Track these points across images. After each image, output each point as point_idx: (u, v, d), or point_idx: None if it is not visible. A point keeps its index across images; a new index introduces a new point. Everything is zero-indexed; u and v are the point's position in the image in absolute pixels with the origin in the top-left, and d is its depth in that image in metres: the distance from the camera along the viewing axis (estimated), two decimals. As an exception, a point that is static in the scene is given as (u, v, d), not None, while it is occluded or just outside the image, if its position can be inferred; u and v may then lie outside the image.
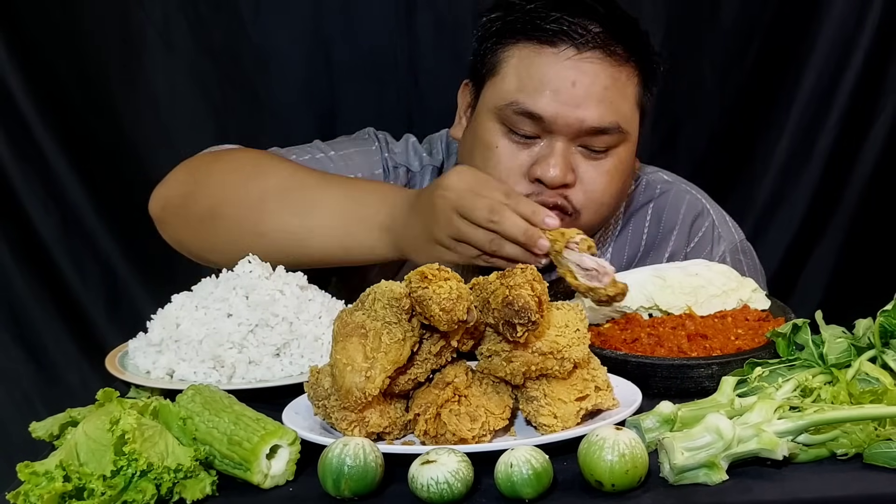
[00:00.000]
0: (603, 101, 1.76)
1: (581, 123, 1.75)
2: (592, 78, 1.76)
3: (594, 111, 1.76)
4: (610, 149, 1.80)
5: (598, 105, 1.76)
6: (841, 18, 2.55)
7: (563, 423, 1.27)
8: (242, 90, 2.54)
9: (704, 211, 2.01)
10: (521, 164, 1.78)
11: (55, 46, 2.46)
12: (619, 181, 1.85)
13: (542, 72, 1.76)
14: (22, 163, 2.50)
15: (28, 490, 1.12)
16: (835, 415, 1.19)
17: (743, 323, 1.56)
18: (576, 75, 1.75)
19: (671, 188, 2.03)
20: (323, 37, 2.51)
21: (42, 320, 2.58)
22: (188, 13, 2.48)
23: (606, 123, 1.77)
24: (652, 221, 2.00)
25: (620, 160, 1.83)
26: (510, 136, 1.79)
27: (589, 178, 1.80)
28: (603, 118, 1.76)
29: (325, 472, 1.15)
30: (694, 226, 1.99)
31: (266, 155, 1.86)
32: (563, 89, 1.75)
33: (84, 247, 2.57)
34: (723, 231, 2.00)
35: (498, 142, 1.80)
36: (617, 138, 1.80)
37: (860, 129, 2.62)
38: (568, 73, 1.75)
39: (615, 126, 1.78)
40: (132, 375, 1.53)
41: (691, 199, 2.02)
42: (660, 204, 2.01)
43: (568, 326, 1.31)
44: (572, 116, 1.75)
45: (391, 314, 1.26)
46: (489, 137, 1.80)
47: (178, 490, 1.15)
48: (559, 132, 1.76)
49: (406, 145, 2.03)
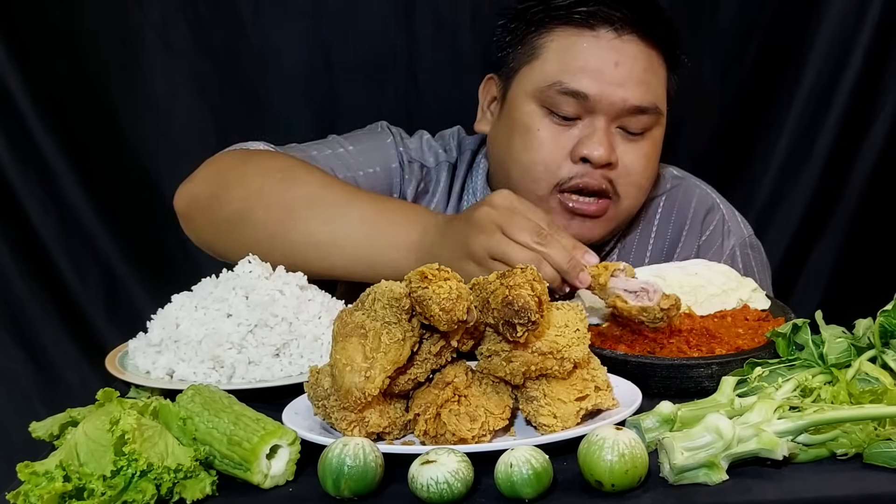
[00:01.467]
0: (643, 82, 1.82)
1: (624, 103, 1.80)
2: (633, 59, 1.82)
3: (636, 90, 1.81)
4: (646, 130, 1.85)
5: (638, 85, 1.81)
6: (840, 17, 2.55)
7: (563, 423, 1.28)
8: (242, 90, 2.54)
9: (715, 205, 2.04)
10: (565, 146, 1.82)
11: (55, 47, 2.46)
12: (655, 164, 1.90)
13: (584, 53, 1.81)
14: (21, 163, 2.49)
15: (28, 490, 1.12)
16: (835, 415, 1.19)
17: (743, 323, 1.56)
18: (617, 56, 1.81)
19: (682, 182, 2.06)
20: (322, 37, 2.51)
21: (42, 320, 2.58)
22: (187, 13, 2.47)
23: (647, 103, 1.82)
24: (663, 215, 2.02)
25: (655, 143, 1.88)
26: (551, 118, 1.83)
27: (629, 159, 1.84)
28: (644, 98, 1.82)
29: (325, 472, 1.15)
30: (705, 220, 2.02)
31: (297, 162, 1.85)
32: (606, 69, 1.80)
33: (83, 247, 2.57)
34: (732, 226, 2.02)
35: (539, 124, 1.83)
36: (654, 119, 1.85)
37: (860, 128, 2.62)
38: (610, 54, 1.81)
39: (654, 106, 1.83)
40: (132, 375, 1.53)
41: (702, 194, 2.05)
42: (671, 197, 2.04)
43: (568, 326, 1.31)
44: (616, 95, 1.80)
45: (391, 314, 1.26)
46: (529, 120, 1.84)
47: (178, 490, 1.15)
48: (601, 112, 1.80)
49: (420, 141, 2.05)
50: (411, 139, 2.05)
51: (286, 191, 1.75)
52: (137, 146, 2.52)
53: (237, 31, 2.49)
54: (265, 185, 1.77)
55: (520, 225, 1.55)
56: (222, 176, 1.83)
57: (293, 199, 1.74)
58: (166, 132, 2.53)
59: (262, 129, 2.54)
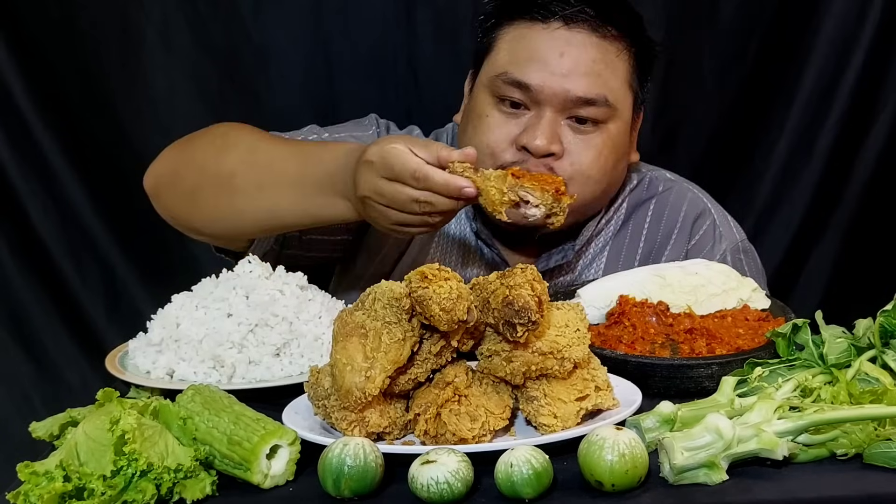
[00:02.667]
0: (590, 73, 1.81)
1: (567, 94, 1.79)
2: (580, 50, 1.81)
3: (581, 82, 1.80)
4: (599, 123, 1.83)
5: (585, 76, 1.80)
6: (841, 16, 2.55)
7: (563, 423, 1.28)
8: (241, 89, 2.54)
9: (706, 210, 2.03)
10: (510, 133, 1.82)
11: (55, 45, 2.46)
12: (610, 158, 1.86)
13: (532, 44, 1.82)
14: (21, 162, 2.49)
15: (28, 490, 1.12)
16: (835, 415, 1.19)
17: (743, 323, 1.56)
18: (564, 47, 1.81)
19: (673, 186, 2.05)
20: (322, 34, 2.51)
21: (42, 320, 2.58)
22: (187, 12, 2.47)
23: (593, 95, 1.80)
24: (653, 218, 2.01)
25: (610, 137, 1.85)
26: (500, 107, 1.84)
27: (576, 150, 1.83)
28: (590, 89, 1.80)
29: (325, 472, 1.15)
30: (695, 225, 2.01)
31: (234, 127, 1.87)
32: (551, 60, 1.80)
33: (83, 246, 2.57)
34: (724, 230, 2.01)
35: (489, 112, 1.85)
36: (605, 112, 1.83)
37: (861, 128, 2.62)
38: (556, 44, 1.81)
39: (602, 98, 1.81)
40: (132, 375, 1.53)
41: (693, 198, 2.04)
42: (662, 201, 2.03)
43: (568, 326, 1.31)
44: (559, 86, 1.79)
45: (391, 314, 1.26)
46: (482, 109, 1.86)
47: (178, 490, 1.15)
48: (546, 102, 1.80)
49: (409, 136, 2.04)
50: (400, 133, 2.05)
51: (224, 159, 1.77)
52: (137, 144, 2.52)
53: (237, 29, 2.49)
54: (207, 157, 1.80)
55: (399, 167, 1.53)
56: (180, 153, 1.87)
57: (231, 168, 1.75)
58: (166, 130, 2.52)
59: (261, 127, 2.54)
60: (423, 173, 1.51)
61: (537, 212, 1.54)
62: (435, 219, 1.56)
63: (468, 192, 1.51)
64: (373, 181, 1.55)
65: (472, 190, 1.51)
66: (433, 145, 1.55)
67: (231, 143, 1.81)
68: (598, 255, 1.99)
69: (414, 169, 1.51)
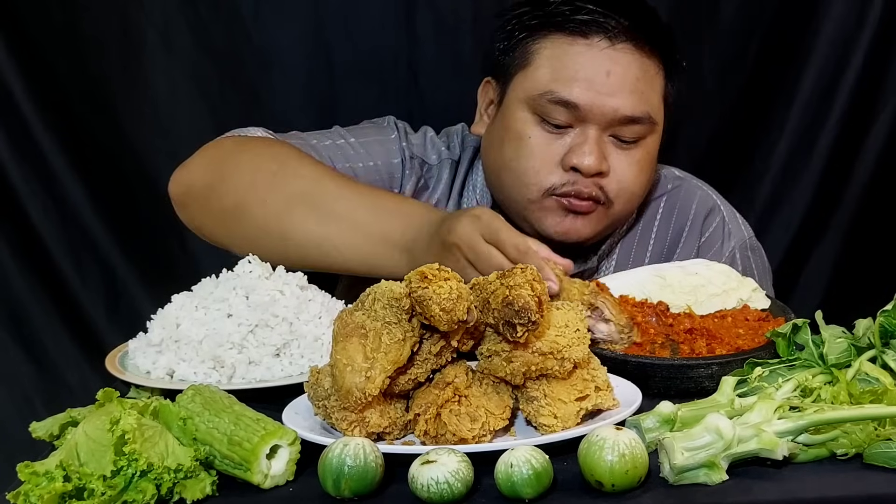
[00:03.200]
0: (635, 91, 1.81)
1: (615, 112, 1.79)
2: (625, 68, 1.80)
3: (628, 100, 1.80)
4: (640, 139, 1.84)
5: (630, 95, 1.80)
6: (841, 17, 2.55)
7: (563, 423, 1.28)
8: (242, 90, 2.54)
9: (716, 207, 2.04)
10: (555, 154, 1.81)
11: (55, 46, 2.46)
12: (649, 172, 1.89)
13: (576, 61, 1.80)
14: (21, 163, 2.49)
15: (28, 490, 1.12)
16: (835, 415, 1.19)
17: (743, 323, 1.56)
18: (610, 65, 1.79)
19: (682, 183, 2.06)
20: (323, 37, 2.51)
21: (42, 320, 2.57)
22: (188, 14, 2.47)
23: (639, 113, 1.81)
24: (664, 215, 2.02)
25: (648, 151, 1.87)
26: (543, 126, 1.82)
27: (621, 167, 1.83)
28: (636, 108, 1.81)
29: (325, 472, 1.15)
30: (706, 222, 2.02)
31: (293, 152, 1.83)
32: (597, 78, 1.79)
33: (84, 246, 2.57)
34: (733, 228, 2.02)
35: (531, 132, 1.82)
36: (647, 129, 1.84)
37: (861, 129, 2.62)
38: (602, 62, 1.79)
39: (646, 116, 1.82)
40: (132, 375, 1.53)
41: (703, 195, 2.05)
42: (672, 198, 2.04)
43: (568, 326, 1.31)
44: (607, 105, 1.79)
45: (391, 314, 1.26)
46: (521, 127, 1.83)
47: (178, 490, 1.15)
48: (592, 121, 1.80)
49: (424, 138, 2.04)
50: (415, 135, 2.04)
51: (281, 185, 1.74)
52: (138, 146, 2.52)
53: (238, 30, 2.49)
54: (259, 179, 1.76)
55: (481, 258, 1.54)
56: (218, 165, 1.82)
57: (289, 195, 1.73)
58: (167, 132, 2.53)
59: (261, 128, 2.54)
60: (527, 248, 1.51)
61: (605, 328, 1.51)
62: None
63: (552, 286, 1.48)
64: (471, 235, 1.55)
65: (555, 286, 1.49)
66: (530, 240, 1.55)
67: (291, 168, 1.77)
68: (610, 253, 2.00)
69: (519, 242, 1.52)
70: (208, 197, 1.80)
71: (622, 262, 1.99)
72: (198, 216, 1.84)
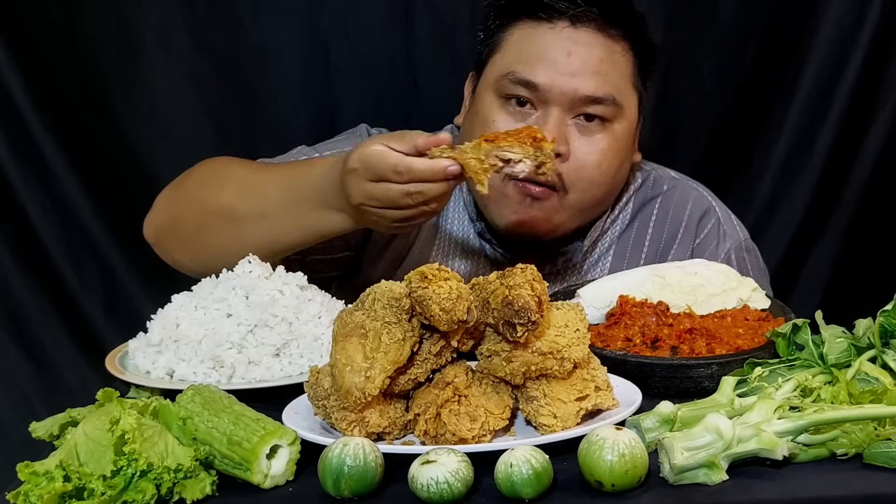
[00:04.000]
0: (598, 73, 1.81)
1: (575, 92, 1.80)
2: (588, 49, 1.82)
3: (589, 80, 1.81)
4: (605, 122, 1.83)
5: (592, 75, 1.81)
6: (840, 17, 2.55)
7: (563, 423, 1.28)
8: (241, 91, 2.54)
9: (711, 209, 2.03)
10: None
11: (54, 47, 2.46)
12: (614, 161, 1.87)
13: (539, 44, 1.83)
14: (21, 163, 2.49)
15: (28, 490, 1.12)
16: (835, 415, 1.19)
17: (743, 323, 1.56)
18: (571, 46, 1.81)
19: (678, 185, 2.06)
20: (321, 37, 2.51)
21: (41, 321, 2.57)
22: (186, 14, 2.47)
23: (601, 93, 1.81)
24: (658, 217, 2.02)
25: (615, 138, 1.85)
26: (507, 110, 1.84)
27: (582, 152, 1.83)
28: (598, 88, 1.81)
29: (325, 472, 1.15)
30: (700, 223, 2.02)
31: (223, 162, 1.90)
32: (559, 59, 1.81)
33: (83, 247, 2.57)
34: (728, 229, 2.02)
35: (495, 116, 1.84)
36: (611, 111, 1.83)
37: (860, 128, 2.62)
38: (564, 44, 1.81)
39: (609, 97, 1.82)
40: (132, 375, 1.53)
41: (698, 196, 2.05)
42: (667, 200, 2.03)
43: (568, 326, 1.31)
44: (567, 85, 1.80)
45: (391, 314, 1.26)
46: (487, 112, 1.85)
47: (178, 490, 1.15)
48: (554, 101, 1.80)
49: None
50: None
51: (221, 195, 1.79)
52: (137, 146, 2.52)
53: (236, 31, 2.49)
54: (204, 195, 1.82)
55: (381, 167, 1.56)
56: (174, 196, 1.89)
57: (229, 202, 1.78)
58: (166, 132, 2.53)
59: (260, 129, 2.54)
60: (405, 165, 1.54)
61: (524, 166, 1.57)
62: (431, 205, 1.58)
63: (452, 169, 1.54)
64: (361, 187, 1.57)
65: (455, 167, 1.53)
66: (408, 135, 1.57)
67: (224, 177, 1.84)
68: (604, 255, 2.00)
69: (395, 163, 1.54)
70: (174, 227, 1.86)
71: (617, 263, 1.98)
72: (172, 250, 1.88)
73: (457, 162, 1.54)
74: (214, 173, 1.87)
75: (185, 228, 1.83)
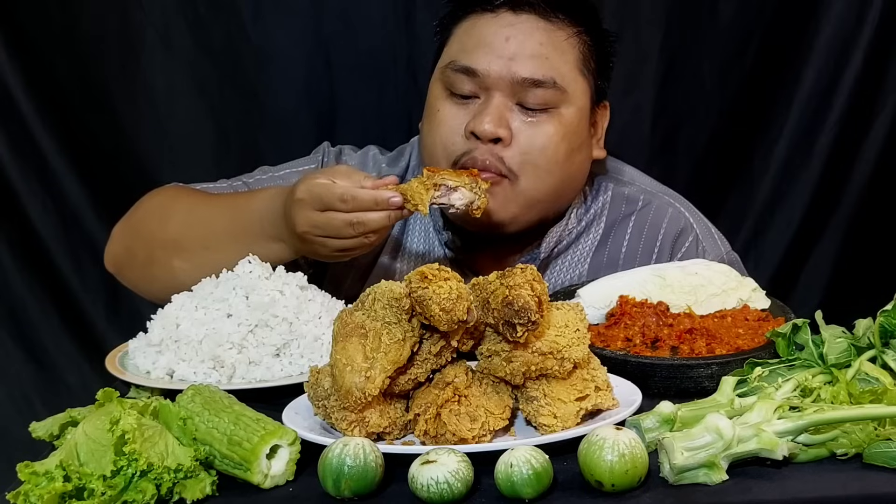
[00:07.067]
0: (537, 56, 1.82)
1: (513, 75, 1.81)
2: (526, 34, 1.83)
3: (527, 63, 1.81)
4: (549, 108, 1.83)
5: (531, 58, 1.82)
6: (840, 17, 2.55)
7: (563, 423, 1.28)
8: (242, 90, 2.54)
9: (688, 226, 1.99)
10: (460, 123, 1.84)
11: (55, 46, 2.46)
12: (562, 147, 1.84)
13: (480, 32, 1.85)
14: (21, 162, 2.49)
15: (28, 490, 1.12)
16: (835, 415, 1.19)
17: (743, 323, 1.56)
18: (509, 31, 1.83)
19: (653, 201, 2.01)
20: (322, 37, 2.51)
21: (42, 320, 2.57)
22: (187, 13, 2.47)
23: (539, 76, 1.81)
24: (633, 236, 1.98)
25: (562, 124, 1.84)
26: (452, 98, 1.86)
27: (525, 136, 1.82)
28: (536, 71, 1.81)
29: (325, 472, 1.15)
30: (676, 243, 1.97)
31: (169, 194, 1.94)
32: (496, 43, 1.83)
33: (83, 247, 2.57)
34: (707, 245, 1.98)
35: (440, 105, 1.87)
36: (554, 95, 1.82)
37: (860, 129, 2.62)
38: (503, 30, 1.84)
39: (550, 80, 1.82)
40: (132, 375, 1.53)
41: (674, 214, 2.00)
42: (641, 218, 1.99)
43: (568, 326, 1.31)
44: (505, 68, 1.81)
45: (391, 314, 1.26)
46: (433, 102, 1.89)
47: (178, 490, 1.15)
48: (494, 87, 1.82)
49: (365, 158, 2.06)
50: (354, 156, 2.06)
51: (167, 227, 1.84)
52: (137, 145, 2.52)
53: (237, 30, 2.49)
54: (152, 228, 1.88)
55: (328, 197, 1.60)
56: (126, 229, 1.93)
57: (175, 234, 1.82)
58: (166, 131, 2.53)
59: (261, 129, 2.54)
60: (350, 195, 1.59)
61: (461, 195, 1.66)
62: (370, 238, 1.63)
63: (395, 200, 1.60)
64: (307, 216, 1.62)
65: (398, 198, 1.60)
66: (355, 174, 1.64)
67: (170, 210, 1.88)
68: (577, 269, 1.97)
69: (341, 193, 1.59)
70: (128, 258, 1.91)
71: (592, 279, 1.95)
72: (130, 277, 1.93)
73: (400, 193, 1.60)
74: (161, 206, 1.91)
75: (136, 260, 1.88)
